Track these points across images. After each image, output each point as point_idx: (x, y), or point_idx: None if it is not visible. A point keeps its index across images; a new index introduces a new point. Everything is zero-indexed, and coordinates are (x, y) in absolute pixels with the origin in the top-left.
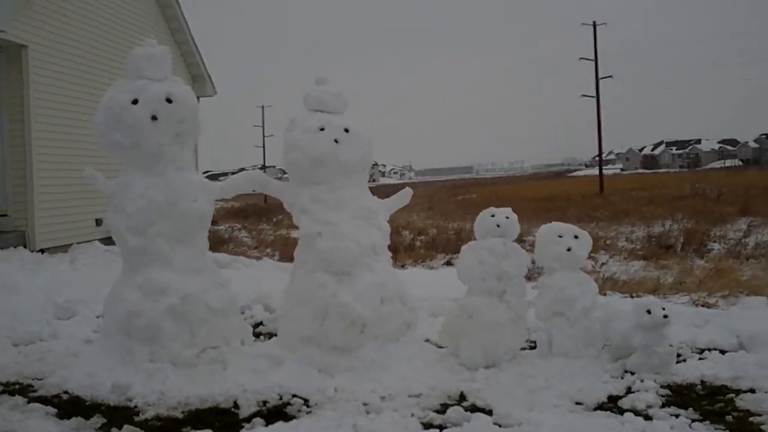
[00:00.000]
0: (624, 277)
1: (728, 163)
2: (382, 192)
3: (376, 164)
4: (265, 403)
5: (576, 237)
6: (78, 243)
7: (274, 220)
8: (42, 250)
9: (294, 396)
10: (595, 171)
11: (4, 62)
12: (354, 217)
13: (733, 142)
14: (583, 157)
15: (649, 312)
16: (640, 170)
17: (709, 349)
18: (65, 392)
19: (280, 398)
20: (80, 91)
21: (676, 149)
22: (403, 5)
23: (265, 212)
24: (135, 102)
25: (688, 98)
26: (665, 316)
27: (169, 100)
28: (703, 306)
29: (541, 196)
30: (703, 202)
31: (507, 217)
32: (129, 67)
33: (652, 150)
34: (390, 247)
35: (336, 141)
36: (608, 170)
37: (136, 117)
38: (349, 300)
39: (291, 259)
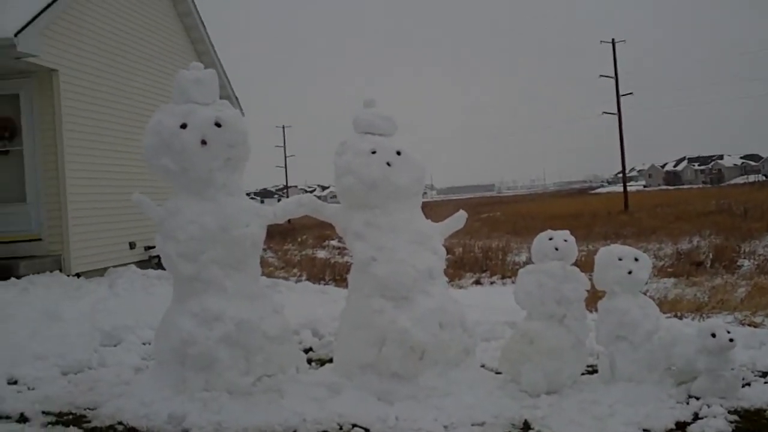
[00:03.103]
0: (658, 296)
1: (751, 178)
2: None
3: None
4: None
5: (636, 260)
6: (114, 267)
7: (299, 240)
8: (78, 275)
9: (354, 426)
10: (618, 188)
11: (35, 87)
12: (409, 242)
13: (755, 157)
14: (605, 174)
15: (713, 335)
16: (663, 187)
17: None
18: (120, 423)
19: (341, 428)
20: (111, 114)
21: (699, 165)
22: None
23: (289, 232)
24: (184, 126)
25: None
26: (731, 340)
27: (218, 125)
28: (749, 325)
29: (565, 213)
30: (730, 218)
31: (565, 240)
32: (176, 90)
33: (675, 166)
34: None
35: (388, 164)
36: (631, 187)
37: (185, 142)
38: (407, 326)
39: (319, 280)
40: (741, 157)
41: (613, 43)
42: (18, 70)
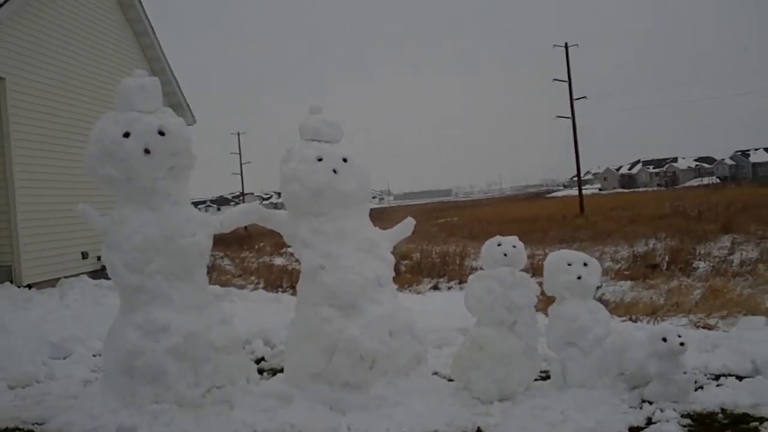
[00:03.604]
0: (614, 299)
1: (705, 180)
2: None
3: None
4: None
5: (585, 264)
6: (66, 277)
7: (256, 247)
8: (29, 286)
9: None
10: (574, 191)
11: None
12: (356, 249)
13: (709, 159)
14: (561, 177)
15: (664, 339)
16: (618, 189)
17: (724, 375)
18: None
19: None
20: (61, 123)
21: (653, 168)
22: (373, 27)
23: (246, 239)
24: (126, 135)
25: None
26: (682, 344)
27: (161, 133)
28: (704, 328)
29: (521, 217)
30: (685, 221)
31: (514, 246)
32: (119, 98)
33: (630, 169)
34: None
35: (335, 171)
36: (587, 190)
37: (128, 151)
38: (356, 334)
39: (276, 287)
40: (695, 160)
41: (566, 47)
42: None
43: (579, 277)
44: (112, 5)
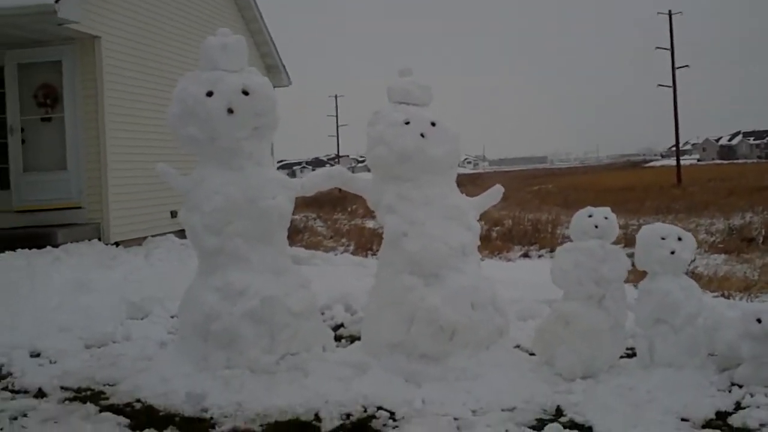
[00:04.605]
0: (707, 272)
1: None
2: (456, 182)
3: None
4: (348, 416)
5: (680, 239)
6: (153, 236)
7: (349, 209)
8: (117, 243)
9: (379, 408)
10: (672, 161)
11: (78, 54)
12: (442, 217)
13: None
14: (659, 147)
15: (759, 321)
16: (717, 161)
17: None
18: (138, 401)
19: (365, 410)
20: (154, 83)
21: (754, 139)
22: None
23: (339, 201)
24: (210, 94)
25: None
26: None
27: (245, 93)
28: None
29: (617, 186)
30: None
31: (606, 218)
32: (202, 57)
33: (729, 140)
34: None
35: (422, 135)
36: (685, 161)
37: (211, 110)
38: (437, 304)
39: (366, 250)
40: None
41: (670, 14)
42: (60, 37)
43: (672, 252)
44: None
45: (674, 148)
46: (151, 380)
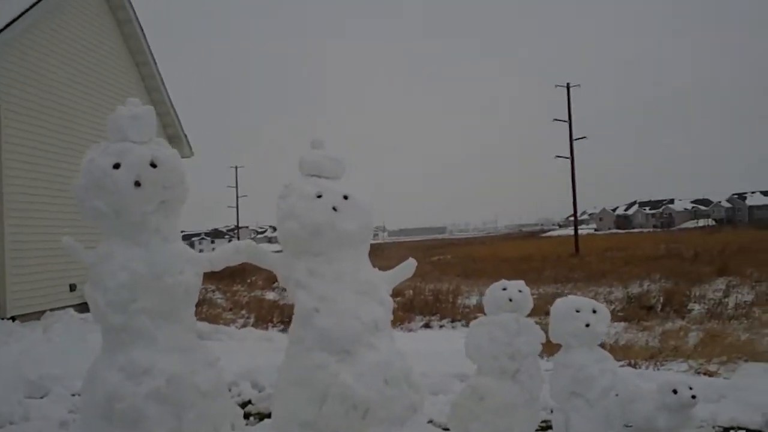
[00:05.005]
0: (609, 341)
1: (701, 222)
2: None
3: None
4: None
5: (594, 311)
6: (52, 310)
7: (248, 281)
8: (13, 318)
9: None
10: (569, 231)
11: None
12: (354, 292)
13: (705, 201)
14: (557, 217)
15: (675, 392)
16: (614, 230)
17: (734, 428)
18: None
19: None
20: (56, 152)
21: (649, 209)
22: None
23: (238, 273)
24: (117, 166)
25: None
26: (693, 396)
27: (153, 165)
28: (704, 374)
29: (516, 256)
30: (680, 262)
31: (520, 291)
32: (110, 127)
33: (626, 210)
34: None
35: (334, 209)
36: (582, 230)
37: (118, 183)
38: (350, 381)
39: (267, 322)
40: (691, 202)
41: (568, 87)
42: None
43: (587, 325)
44: (114, 34)
45: (572, 218)
46: None
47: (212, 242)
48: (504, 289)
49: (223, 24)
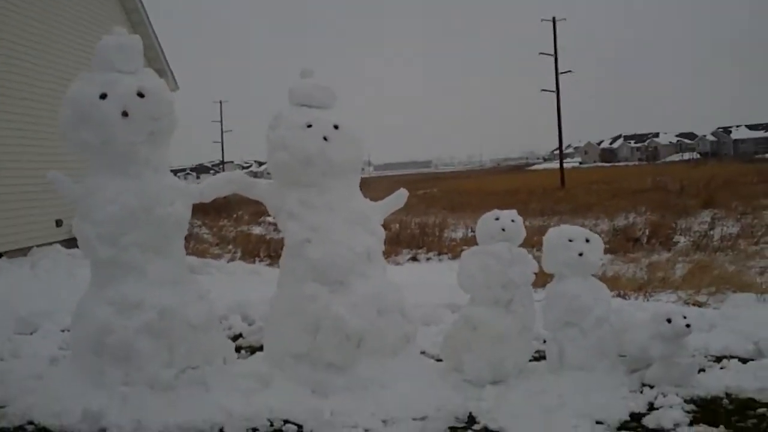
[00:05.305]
0: (597, 273)
1: (686, 156)
2: None
3: None
4: (254, 430)
5: (587, 240)
6: (38, 246)
7: (234, 216)
8: (0, 254)
9: (286, 422)
10: (555, 165)
11: None
12: (346, 222)
13: (690, 135)
14: (542, 151)
15: (669, 321)
16: (599, 164)
17: (726, 357)
18: (30, 422)
19: (271, 424)
20: (40, 85)
21: (635, 143)
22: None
23: (224, 208)
24: (104, 96)
25: (646, 92)
26: (687, 326)
27: (141, 95)
28: (694, 305)
29: (502, 189)
30: (665, 195)
31: (513, 221)
32: (96, 57)
33: (611, 144)
34: None
35: (325, 138)
36: (567, 164)
37: (105, 113)
38: (343, 312)
39: (254, 257)
40: (677, 135)
41: (554, 21)
42: None
43: (581, 254)
44: None
45: (557, 152)
46: (43, 400)
47: (197, 177)
48: (497, 218)
49: None
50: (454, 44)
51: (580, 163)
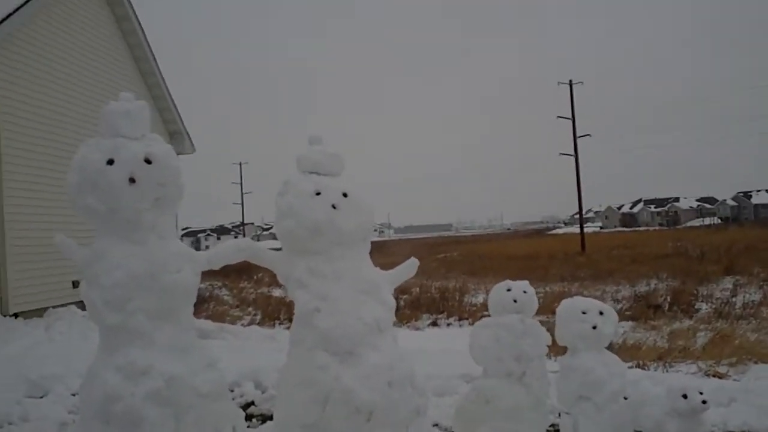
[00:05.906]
0: (617, 340)
1: (707, 221)
2: None
3: None
4: None
5: (601, 313)
6: (54, 307)
7: (255, 277)
8: (15, 315)
9: None
10: (575, 229)
11: None
12: (356, 291)
13: (711, 200)
14: (562, 215)
15: (685, 396)
16: (620, 228)
17: None
18: None
19: None
20: (55, 149)
21: (655, 207)
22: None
23: (245, 270)
24: (110, 162)
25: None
26: (704, 402)
27: (148, 161)
28: (714, 376)
29: (522, 254)
30: (686, 261)
31: (525, 292)
32: (103, 123)
33: (631, 208)
34: None
35: (334, 207)
36: (588, 228)
37: (112, 180)
38: (353, 384)
39: (273, 319)
40: (697, 200)
41: (571, 84)
42: None
43: (594, 327)
44: (112, 29)
45: (577, 216)
46: None
47: (218, 238)
48: (508, 289)
49: (223, 23)
50: (473, 107)
51: (601, 227)
